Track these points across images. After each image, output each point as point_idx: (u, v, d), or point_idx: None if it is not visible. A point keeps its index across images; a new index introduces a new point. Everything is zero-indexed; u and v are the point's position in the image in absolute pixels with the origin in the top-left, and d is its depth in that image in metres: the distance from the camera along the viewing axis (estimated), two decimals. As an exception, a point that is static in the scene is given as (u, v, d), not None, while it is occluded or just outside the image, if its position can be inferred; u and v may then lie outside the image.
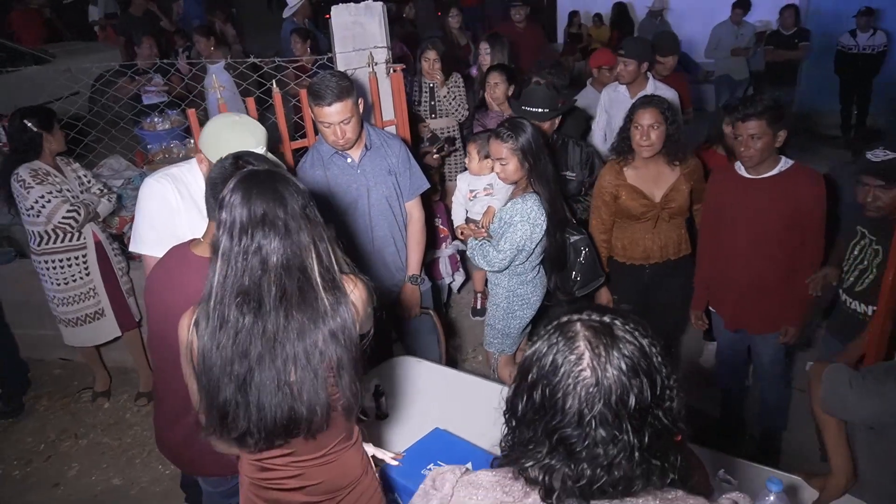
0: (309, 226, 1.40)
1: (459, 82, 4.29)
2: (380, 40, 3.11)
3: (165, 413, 1.92)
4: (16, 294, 3.74)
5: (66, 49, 7.61)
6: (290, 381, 1.37)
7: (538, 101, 3.08)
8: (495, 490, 0.98)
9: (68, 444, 3.35)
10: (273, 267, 1.35)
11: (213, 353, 1.37)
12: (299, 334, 1.37)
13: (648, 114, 2.66)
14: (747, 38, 6.99)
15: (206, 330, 1.38)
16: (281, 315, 1.36)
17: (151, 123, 4.51)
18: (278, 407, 1.38)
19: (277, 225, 1.35)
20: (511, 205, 2.63)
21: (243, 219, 1.34)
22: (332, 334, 1.39)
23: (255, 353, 1.36)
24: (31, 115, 3.12)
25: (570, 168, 3.17)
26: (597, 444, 0.87)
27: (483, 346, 3.09)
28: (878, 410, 1.69)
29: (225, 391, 1.38)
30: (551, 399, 0.89)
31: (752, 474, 1.82)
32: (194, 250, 1.74)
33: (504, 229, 2.62)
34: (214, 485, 1.94)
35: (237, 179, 1.40)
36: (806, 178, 2.50)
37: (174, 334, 1.71)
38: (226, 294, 1.37)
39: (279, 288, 1.36)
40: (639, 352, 0.90)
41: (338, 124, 2.42)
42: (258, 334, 1.36)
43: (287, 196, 1.38)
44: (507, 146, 2.54)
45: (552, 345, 0.92)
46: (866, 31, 6.91)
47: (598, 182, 2.92)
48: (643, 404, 0.87)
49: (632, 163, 2.80)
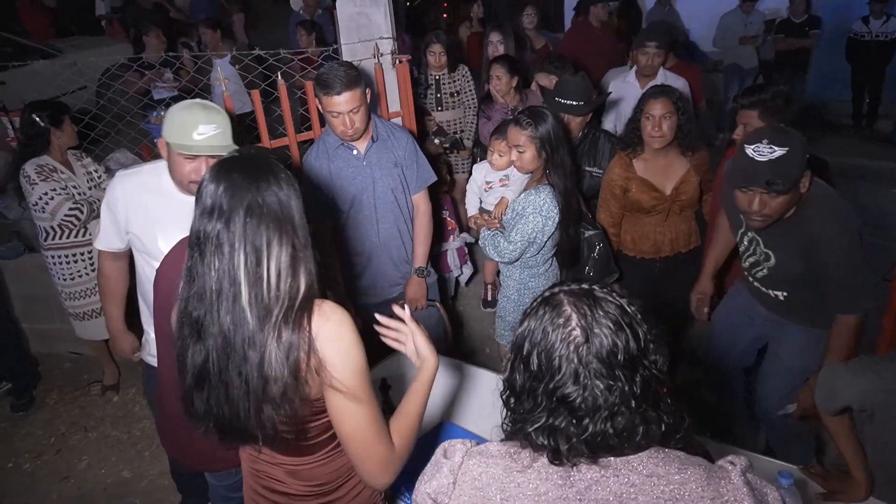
0: (271, 230, 1.25)
1: (467, 75, 4.26)
2: (385, 31, 3.09)
3: (168, 407, 1.91)
4: (25, 288, 3.77)
5: (73, 43, 7.63)
6: (236, 387, 1.30)
7: (573, 94, 2.95)
8: (504, 458, 1.02)
9: (78, 437, 3.37)
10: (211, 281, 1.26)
11: (177, 343, 1.37)
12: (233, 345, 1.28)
13: (660, 104, 2.61)
14: (756, 26, 6.90)
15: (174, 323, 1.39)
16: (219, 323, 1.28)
17: (158, 117, 4.51)
18: (224, 405, 1.32)
19: (230, 221, 1.24)
20: (524, 196, 2.61)
21: (206, 206, 1.27)
22: (258, 365, 1.26)
23: (206, 351, 1.30)
24: (41, 109, 3.12)
25: (599, 164, 3.06)
26: (596, 397, 0.94)
27: (494, 339, 3.08)
28: (871, 388, 1.67)
29: (187, 380, 1.36)
30: (548, 362, 0.96)
31: (762, 468, 1.80)
32: None
33: (516, 220, 2.60)
34: (219, 479, 1.94)
35: (217, 163, 1.33)
36: None
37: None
38: (185, 294, 1.33)
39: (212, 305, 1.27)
40: (619, 309, 0.97)
41: (346, 114, 2.41)
42: (208, 333, 1.30)
43: (260, 187, 1.26)
44: (525, 133, 2.51)
45: (540, 316, 0.99)
46: (879, 18, 6.82)
47: (607, 175, 2.88)
48: (631, 354, 0.95)
49: (641, 155, 2.76)
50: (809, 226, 1.95)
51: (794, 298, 2.22)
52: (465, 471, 1.03)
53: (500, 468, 1.01)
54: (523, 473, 0.99)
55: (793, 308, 2.25)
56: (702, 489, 0.94)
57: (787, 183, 1.82)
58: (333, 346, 1.28)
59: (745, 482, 0.95)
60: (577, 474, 0.97)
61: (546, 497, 0.96)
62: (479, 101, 4.14)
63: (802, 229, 1.97)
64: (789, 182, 1.82)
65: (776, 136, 1.83)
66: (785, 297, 2.20)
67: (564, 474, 0.97)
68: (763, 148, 1.82)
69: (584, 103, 2.96)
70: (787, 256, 2.06)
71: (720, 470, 0.98)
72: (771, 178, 1.80)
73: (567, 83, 3.01)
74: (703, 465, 0.98)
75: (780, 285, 2.20)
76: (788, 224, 1.99)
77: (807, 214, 1.96)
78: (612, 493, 0.95)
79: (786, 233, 2.00)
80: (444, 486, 1.04)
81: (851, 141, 7.02)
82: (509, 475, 1.00)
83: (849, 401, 1.72)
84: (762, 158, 1.81)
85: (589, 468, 0.97)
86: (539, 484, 0.98)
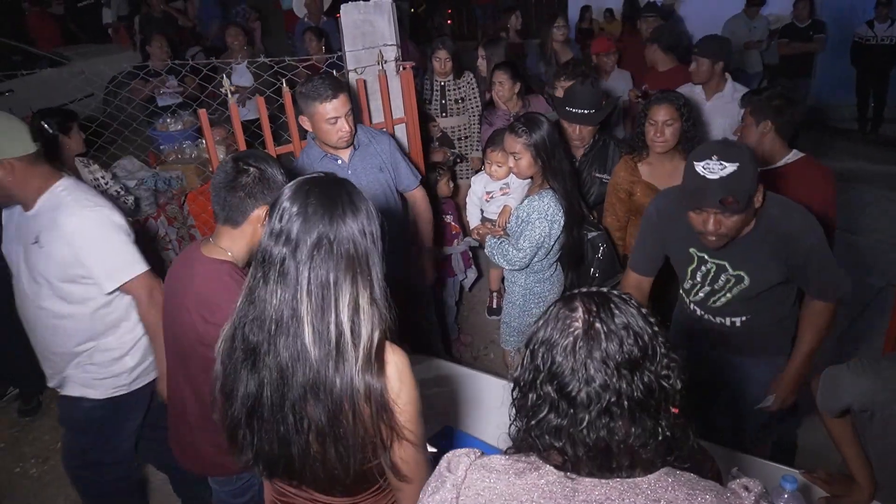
0: (342, 268, 1.18)
1: (472, 81, 4.28)
2: (389, 38, 3.11)
3: (173, 412, 1.93)
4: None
5: (81, 51, 7.71)
6: (289, 425, 1.25)
7: (583, 102, 2.89)
8: (508, 473, 1.01)
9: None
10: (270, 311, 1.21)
11: (225, 363, 1.32)
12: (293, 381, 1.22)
13: (663, 110, 2.61)
14: (761, 31, 6.90)
15: (220, 347, 1.34)
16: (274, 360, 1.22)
17: (164, 124, 4.55)
18: (275, 443, 1.27)
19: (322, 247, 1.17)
20: (528, 202, 2.63)
21: (275, 227, 1.20)
22: (328, 409, 1.21)
23: (257, 383, 1.25)
24: (49, 117, 3.15)
25: (608, 170, 3.01)
26: (592, 391, 0.93)
27: (499, 345, 3.09)
28: (873, 387, 1.66)
29: (234, 411, 1.30)
30: (549, 353, 0.97)
31: (766, 473, 1.80)
32: (203, 250, 1.74)
33: (522, 227, 2.62)
34: (221, 484, 1.95)
35: (298, 181, 1.24)
36: (812, 173, 2.45)
37: (182, 335, 1.71)
38: (242, 315, 1.28)
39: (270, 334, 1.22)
40: (631, 314, 0.97)
41: (343, 117, 2.45)
42: (261, 366, 1.24)
43: (334, 218, 1.18)
44: (521, 141, 2.54)
45: (553, 313, 1.01)
46: (884, 22, 6.80)
47: (612, 178, 2.89)
48: (633, 356, 0.94)
49: (646, 159, 2.77)
50: (777, 226, 1.89)
51: (753, 322, 2.12)
52: (468, 485, 1.02)
53: (504, 483, 1.00)
54: (527, 491, 0.98)
55: (752, 332, 2.14)
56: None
57: (741, 201, 1.73)
58: (402, 392, 1.23)
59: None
60: (581, 493, 0.95)
61: None
62: (482, 108, 4.16)
63: (770, 233, 1.91)
64: (743, 199, 1.74)
65: (725, 151, 1.74)
66: (743, 321, 2.10)
67: (569, 493, 0.96)
68: (713, 164, 1.72)
69: (595, 111, 2.92)
70: (762, 268, 1.97)
71: (733, 496, 0.95)
72: (724, 197, 1.71)
73: (576, 92, 2.96)
74: (714, 490, 0.95)
75: (742, 308, 2.08)
76: (753, 237, 1.92)
77: (769, 216, 1.90)
78: None
79: (753, 246, 1.92)
80: (447, 501, 1.03)
81: (856, 145, 7.00)
82: (512, 490, 0.99)
83: (850, 402, 1.71)
84: (713, 176, 1.72)
85: (594, 488, 0.95)
86: (543, 502, 0.96)
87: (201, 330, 1.66)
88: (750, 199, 1.77)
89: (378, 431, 1.22)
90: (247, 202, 1.66)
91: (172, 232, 3.97)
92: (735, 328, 2.11)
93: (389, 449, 1.25)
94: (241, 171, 1.65)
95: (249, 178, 1.65)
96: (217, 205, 1.69)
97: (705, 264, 2.03)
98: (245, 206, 1.67)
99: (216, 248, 1.72)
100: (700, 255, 2.03)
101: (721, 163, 1.71)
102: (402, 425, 1.23)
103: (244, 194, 1.66)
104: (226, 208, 1.68)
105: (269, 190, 1.66)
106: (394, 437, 1.23)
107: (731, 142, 1.82)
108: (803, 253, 1.90)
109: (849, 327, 3.81)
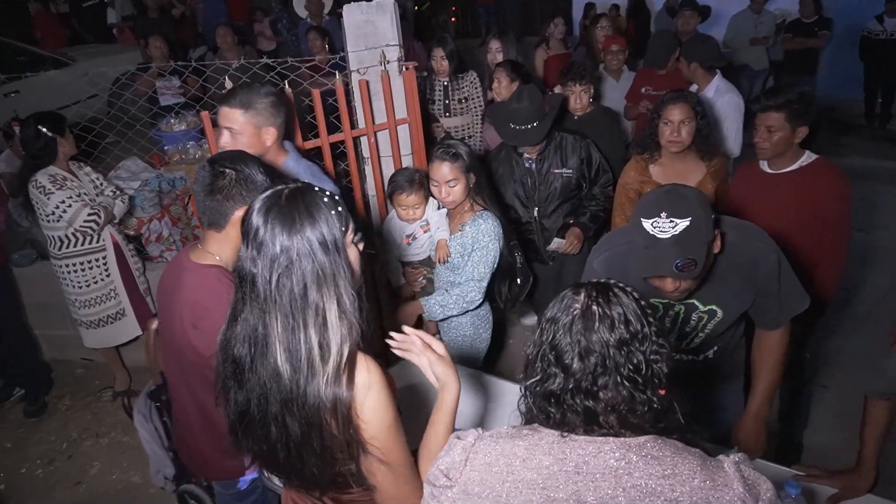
0: (309, 282, 1.18)
1: (476, 81, 4.25)
2: (392, 38, 3.09)
3: (178, 419, 1.94)
4: (38, 295, 3.81)
5: (86, 52, 7.72)
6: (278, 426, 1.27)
7: (525, 118, 2.86)
8: (513, 438, 1.12)
9: (90, 443, 3.41)
10: None
11: (220, 373, 1.35)
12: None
13: (679, 109, 2.55)
14: (767, 27, 6.86)
15: (217, 353, 1.35)
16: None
17: (168, 125, 4.55)
18: (266, 449, 1.30)
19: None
20: (472, 228, 2.48)
21: (245, 242, 1.21)
22: (300, 422, 1.23)
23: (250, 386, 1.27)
24: (44, 120, 3.15)
25: (566, 164, 3.04)
26: (584, 360, 1.05)
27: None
28: None
29: (231, 413, 1.34)
30: (552, 328, 1.10)
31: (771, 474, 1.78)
32: (192, 255, 1.74)
33: (470, 255, 2.48)
34: (225, 487, 1.96)
35: (265, 195, 1.23)
36: (828, 175, 2.41)
37: (177, 342, 1.72)
38: (228, 336, 1.30)
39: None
40: (628, 304, 1.08)
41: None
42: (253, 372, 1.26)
43: (293, 231, 1.18)
44: (456, 166, 2.42)
45: (562, 297, 1.13)
46: (894, 17, 6.73)
47: (622, 178, 2.87)
48: (622, 337, 1.05)
49: (658, 159, 2.73)
50: (740, 253, 1.79)
51: (721, 351, 2.04)
52: (476, 450, 1.13)
53: (508, 445, 1.10)
54: (528, 450, 1.08)
55: (722, 360, 2.05)
56: (694, 472, 1.00)
57: (699, 260, 1.56)
58: (367, 405, 1.21)
59: (737, 471, 1.02)
60: (576, 449, 1.06)
61: (548, 470, 1.05)
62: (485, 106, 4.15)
63: (734, 261, 1.80)
64: (701, 257, 1.57)
65: (675, 206, 1.56)
66: (714, 352, 2.01)
67: (565, 448, 1.06)
68: (663, 223, 1.55)
69: (539, 121, 2.87)
70: (733, 298, 1.86)
71: (715, 460, 1.06)
72: (680, 262, 1.54)
73: (514, 112, 2.89)
74: (698, 454, 1.06)
75: (716, 340, 1.97)
76: (717, 271, 1.80)
77: (731, 244, 1.77)
78: (609, 468, 1.02)
79: (720, 277, 1.81)
80: (456, 463, 1.13)
81: (864, 141, 6.95)
82: (515, 450, 1.09)
83: None
84: (664, 235, 1.55)
85: (588, 444, 1.06)
86: (542, 458, 1.06)
87: (190, 335, 1.67)
88: (708, 250, 1.62)
89: (346, 443, 1.22)
90: (226, 205, 1.64)
91: (176, 233, 3.98)
92: (708, 360, 2.02)
93: (357, 460, 1.25)
94: (218, 175, 1.63)
95: (226, 180, 1.63)
96: (199, 210, 1.68)
97: (672, 308, 1.89)
98: (225, 209, 1.65)
99: (205, 253, 1.72)
100: (664, 301, 1.86)
101: (672, 220, 1.54)
102: (367, 440, 1.22)
103: (222, 197, 1.63)
104: (206, 213, 1.66)
105: (248, 191, 1.64)
106: (359, 450, 1.23)
107: (679, 191, 1.62)
108: (770, 275, 1.82)
109: (857, 327, 3.79)
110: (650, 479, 1.00)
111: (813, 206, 2.42)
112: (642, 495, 0.99)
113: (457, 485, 1.11)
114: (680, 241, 1.54)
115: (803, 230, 2.46)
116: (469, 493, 1.09)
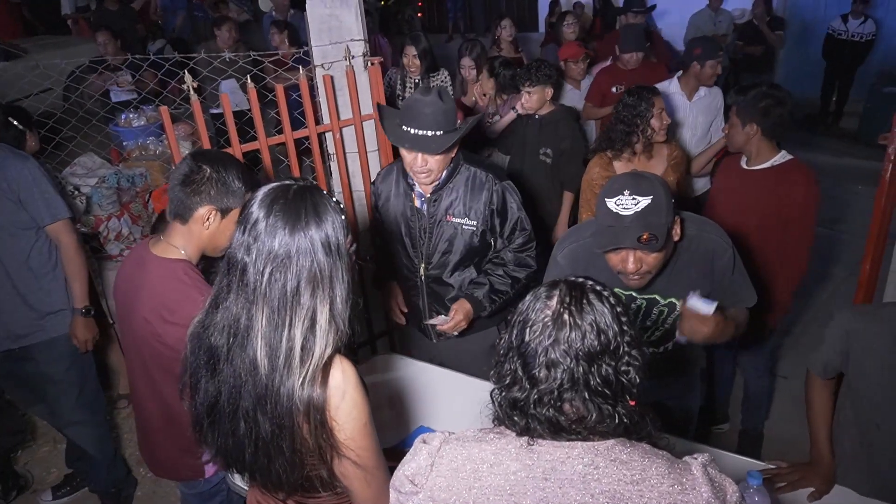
0: (303, 281, 1.16)
1: (447, 79, 4.22)
2: (356, 33, 3.06)
3: (139, 417, 1.91)
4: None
5: (39, 43, 7.46)
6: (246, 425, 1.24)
7: (426, 120, 2.05)
8: (479, 442, 1.10)
9: (47, 448, 3.30)
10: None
11: (190, 362, 1.32)
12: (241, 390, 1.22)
13: (660, 99, 2.74)
14: (725, 25, 7.00)
15: (188, 342, 1.33)
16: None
17: (127, 120, 4.43)
18: (231, 445, 1.27)
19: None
20: None
21: (240, 231, 1.19)
22: (271, 419, 1.20)
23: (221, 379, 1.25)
24: (14, 112, 3.03)
25: (469, 214, 2.28)
26: (550, 370, 1.02)
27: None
28: (852, 327, 1.71)
29: (198, 405, 1.31)
30: (522, 330, 1.06)
31: (732, 466, 1.83)
32: (153, 249, 1.72)
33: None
34: (189, 487, 1.93)
35: (267, 190, 1.22)
36: (796, 176, 2.47)
37: (139, 337, 1.70)
38: (205, 316, 1.28)
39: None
40: (602, 311, 1.04)
41: None
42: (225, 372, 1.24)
43: (295, 229, 1.16)
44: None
45: (537, 294, 1.08)
46: (858, 18, 6.92)
47: (587, 175, 2.93)
48: (592, 350, 1.01)
49: (623, 155, 2.80)
50: (698, 245, 1.84)
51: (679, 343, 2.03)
52: (442, 454, 1.10)
53: (476, 449, 1.08)
54: (495, 454, 1.06)
55: (679, 353, 2.06)
56: (662, 476, 1.00)
57: (659, 236, 1.62)
58: (342, 409, 1.20)
59: (704, 473, 1.02)
60: (544, 455, 1.04)
61: (516, 476, 1.03)
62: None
63: (693, 254, 1.85)
64: (662, 233, 1.62)
65: (637, 185, 1.63)
66: (674, 343, 2.00)
67: (533, 455, 1.04)
68: (626, 200, 1.62)
69: (443, 133, 2.08)
70: (694, 290, 1.84)
71: (682, 463, 1.05)
72: (641, 234, 1.60)
73: (417, 103, 2.08)
74: (666, 456, 1.05)
75: (675, 332, 1.94)
76: (676, 264, 1.84)
77: (689, 238, 1.83)
78: (577, 474, 1.01)
79: (679, 271, 1.85)
80: (421, 468, 1.10)
81: (818, 137, 7.15)
82: (482, 455, 1.07)
83: (834, 344, 1.75)
84: (627, 212, 1.61)
85: (556, 449, 1.04)
86: (510, 464, 1.04)
87: (160, 330, 1.65)
88: (668, 232, 1.67)
89: (318, 447, 1.20)
90: (193, 199, 1.65)
91: (136, 230, 3.87)
92: (667, 352, 2.04)
93: (330, 464, 1.23)
94: (195, 169, 1.65)
95: (201, 175, 1.64)
96: (170, 198, 1.69)
97: (634, 301, 1.92)
98: (191, 203, 1.66)
99: (168, 247, 1.71)
100: (627, 293, 1.89)
101: (634, 197, 1.61)
102: (342, 442, 1.21)
103: (191, 191, 1.65)
104: (174, 202, 1.68)
105: (220, 193, 1.66)
106: (333, 453, 1.21)
107: (642, 174, 1.70)
108: (725, 268, 1.87)
109: (812, 317, 3.90)
110: (618, 484, 1.00)
111: (777, 205, 2.47)
112: (611, 502, 0.99)
113: (423, 490, 1.08)
114: (642, 216, 1.60)
115: (766, 227, 2.53)
116: (435, 500, 1.07)
